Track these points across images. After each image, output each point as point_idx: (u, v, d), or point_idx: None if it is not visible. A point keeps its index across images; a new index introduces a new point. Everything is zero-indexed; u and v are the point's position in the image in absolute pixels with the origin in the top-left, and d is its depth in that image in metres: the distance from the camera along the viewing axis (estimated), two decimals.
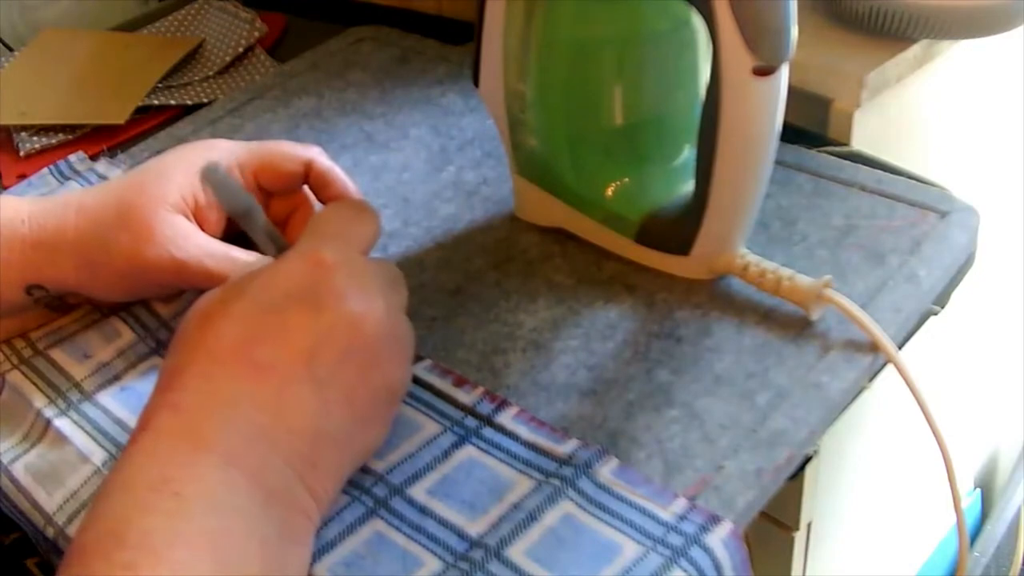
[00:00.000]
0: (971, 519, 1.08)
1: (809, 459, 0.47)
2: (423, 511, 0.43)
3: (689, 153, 0.53)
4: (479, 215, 0.60)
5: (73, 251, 0.50)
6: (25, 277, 0.51)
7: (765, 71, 0.44)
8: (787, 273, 0.49)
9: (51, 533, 0.45)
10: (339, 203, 0.49)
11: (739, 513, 0.41)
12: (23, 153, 0.74)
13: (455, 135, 0.68)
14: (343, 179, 0.54)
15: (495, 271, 0.56)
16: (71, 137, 0.74)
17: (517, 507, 0.42)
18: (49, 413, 0.49)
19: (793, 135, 0.59)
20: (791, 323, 0.49)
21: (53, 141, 0.74)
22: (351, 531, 0.42)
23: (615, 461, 0.43)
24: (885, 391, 0.49)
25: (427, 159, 0.66)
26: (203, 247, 0.51)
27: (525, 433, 0.45)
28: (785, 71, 0.45)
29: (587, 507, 0.42)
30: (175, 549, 0.34)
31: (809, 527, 0.64)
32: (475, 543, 0.41)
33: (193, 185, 0.52)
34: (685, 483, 0.43)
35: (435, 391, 0.48)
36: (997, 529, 1.06)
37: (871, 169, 0.58)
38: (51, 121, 0.75)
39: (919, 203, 0.55)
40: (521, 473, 0.43)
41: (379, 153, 0.67)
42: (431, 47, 0.79)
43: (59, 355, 0.53)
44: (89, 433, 0.48)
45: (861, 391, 0.48)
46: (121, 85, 0.78)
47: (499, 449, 0.45)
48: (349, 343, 0.41)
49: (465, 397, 0.47)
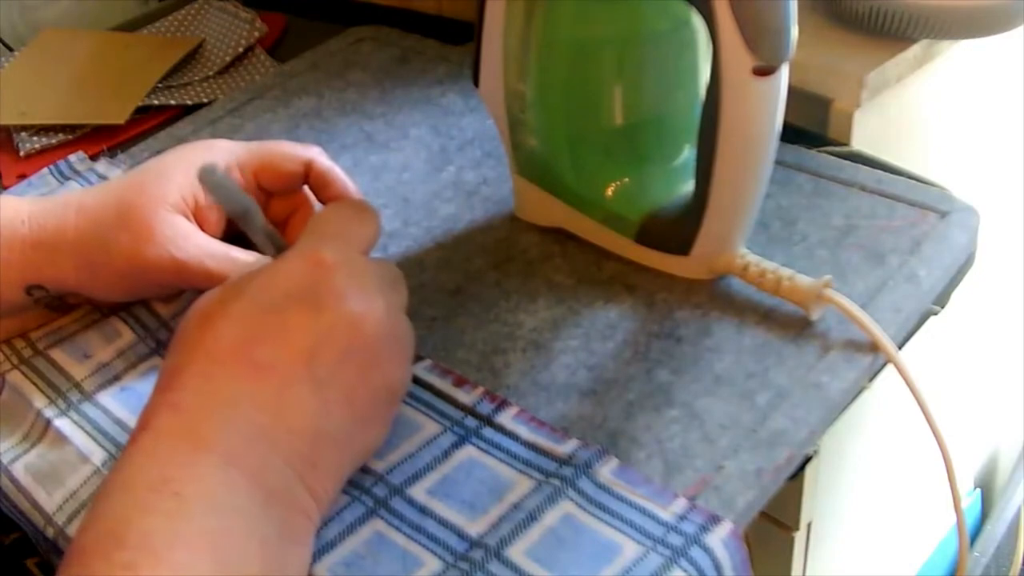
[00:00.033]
0: (971, 519, 1.08)
1: (809, 459, 0.47)
2: (423, 511, 0.43)
3: (689, 153, 0.53)
4: (479, 215, 0.60)
5: (73, 251, 0.50)
6: (25, 277, 0.51)
7: (765, 71, 0.44)
8: (787, 273, 0.49)
9: (51, 533, 0.45)
10: (339, 203, 0.49)
11: (739, 513, 0.41)
12: (23, 153, 0.74)
13: (455, 135, 0.68)
14: (343, 179, 0.54)
15: (495, 271, 0.56)
16: (71, 137, 0.74)
17: (517, 507, 0.42)
18: (49, 413, 0.49)
19: (793, 135, 0.59)
20: (791, 323, 0.49)
21: (53, 141, 0.74)
22: (351, 531, 0.42)
23: (615, 461, 0.43)
24: (885, 391, 0.49)
25: (427, 159, 0.66)
26: (203, 247, 0.51)
27: (525, 433, 0.45)
28: (785, 71, 0.45)
29: (587, 507, 0.42)
30: (175, 550, 0.34)
31: (809, 527, 0.64)
32: (475, 543, 0.41)
33: (193, 185, 0.52)
34: (685, 483, 0.43)
35: (435, 391, 0.48)
36: (997, 529, 1.06)
37: (871, 169, 0.58)
38: (51, 121, 0.75)
39: (919, 203, 0.55)
40: (521, 473, 0.43)
41: (379, 153, 0.67)
42: (431, 47, 0.79)
43: (59, 355, 0.53)
44: (89, 433, 0.48)
45: (861, 391, 0.48)
46: (121, 85, 0.78)
47: (499, 449, 0.45)
48: (349, 343, 0.41)
49: (465, 397, 0.47)
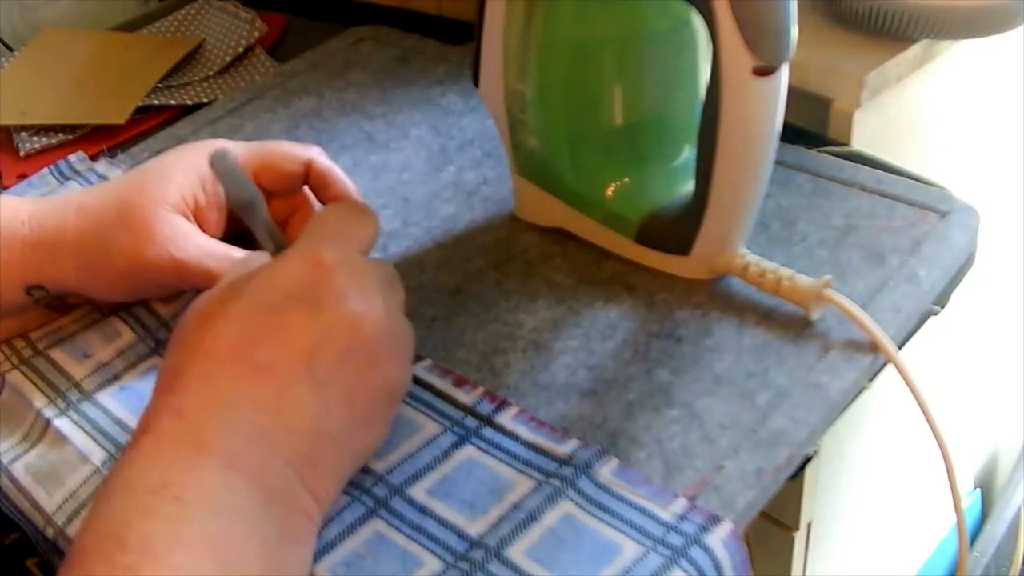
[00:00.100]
0: (971, 519, 1.08)
1: (809, 459, 0.47)
2: (423, 511, 0.43)
3: (689, 153, 0.53)
4: (479, 215, 0.60)
5: (73, 251, 0.50)
6: (25, 277, 0.51)
7: (765, 71, 0.44)
8: (787, 273, 0.49)
9: (51, 533, 0.45)
10: (339, 203, 0.49)
11: (739, 513, 0.41)
12: (23, 153, 0.74)
13: (455, 135, 0.68)
14: (343, 179, 0.54)
15: (495, 271, 0.56)
16: (71, 137, 0.74)
17: (517, 507, 0.42)
18: (49, 413, 0.49)
19: (793, 135, 0.59)
20: (791, 323, 0.49)
21: (53, 141, 0.74)
22: (351, 531, 0.42)
23: (615, 461, 0.43)
24: (885, 391, 0.49)
25: (427, 159, 0.66)
26: (203, 247, 0.51)
27: (525, 433, 0.45)
28: (785, 71, 0.45)
29: (587, 507, 0.42)
30: (175, 552, 0.34)
31: (809, 527, 0.64)
32: (475, 543, 0.41)
33: (193, 185, 0.52)
34: (685, 483, 0.43)
35: (435, 391, 0.48)
36: (997, 529, 1.06)
37: (871, 169, 0.58)
38: (51, 121, 0.75)
39: (919, 203, 0.55)
40: (521, 473, 0.43)
41: (379, 153, 0.67)
42: (431, 47, 0.79)
43: (59, 355, 0.53)
44: (89, 433, 0.48)
45: (861, 391, 0.48)
46: (121, 85, 0.78)
47: (499, 449, 0.45)
48: (349, 343, 0.40)
49: (465, 397, 0.47)
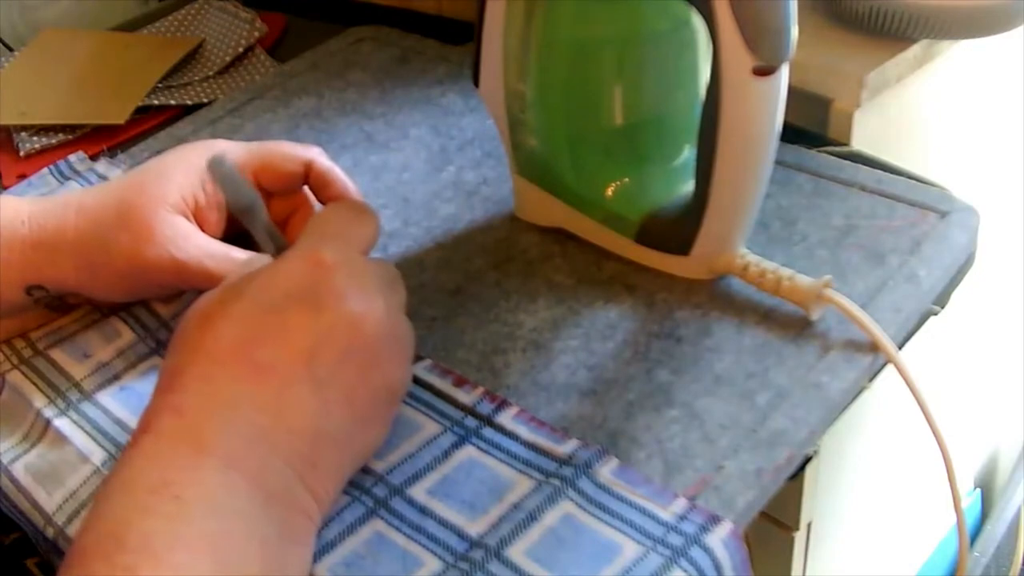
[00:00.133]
0: (971, 519, 1.08)
1: (809, 459, 0.47)
2: (423, 511, 0.43)
3: (689, 153, 0.53)
4: (479, 215, 0.60)
5: (73, 251, 0.50)
6: (25, 277, 0.51)
7: (765, 71, 0.44)
8: (787, 273, 0.49)
9: (51, 533, 0.45)
10: (339, 203, 0.49)
11: (739, 513, 0.41)
12: (23, 153, 0.74)
13: (455, 135, 0.68)
14: (343, 179, 0.54)
15: (495, 271, 0.56)
16: (71, 137, 0.74)
17: (517, 507, 0.42)
18: (49, 413, 0.49)
19: (793, 135, 0.59)
20: (791, 323, 0.49)
21: (53, 141, 0.74)
22: (351, 531, 0.42)
23: (615, 461, 0.43)
24: (885, 391, 0.49)
25: (427, 159, 0.66)
26: (203, 248, 0.51)
27: (525, 433, 0.45)
28: (785, 71, 0.45)
29: (587, 507, 0.42)
30: (175, 552, 0.34)
31: (809, 527, 0.64)
32: (475, 543, 0.41)
33: (193, 185, 0.52)
34: (685, 483, 0.43)
35: (435, 391, 0.48)
36: (997, 529, 1.06)
37: (871, 169, 0.58)
38: (51, 121, 0.75)
39: (919, 203, 0.55)
40: (521, 473, 0.43)
41: (379, 153, 0.67)
42: (431, 47, 0.79)
43: (59, 355, 0.53)
44: (89, 433, 0.48)
45: (861, 391, 0.48)
46: (121, 85, 0.78)
47: (499, 449, 0.45)
48: (349, 343, 0.41)
49: (465, 397, 0.47)
